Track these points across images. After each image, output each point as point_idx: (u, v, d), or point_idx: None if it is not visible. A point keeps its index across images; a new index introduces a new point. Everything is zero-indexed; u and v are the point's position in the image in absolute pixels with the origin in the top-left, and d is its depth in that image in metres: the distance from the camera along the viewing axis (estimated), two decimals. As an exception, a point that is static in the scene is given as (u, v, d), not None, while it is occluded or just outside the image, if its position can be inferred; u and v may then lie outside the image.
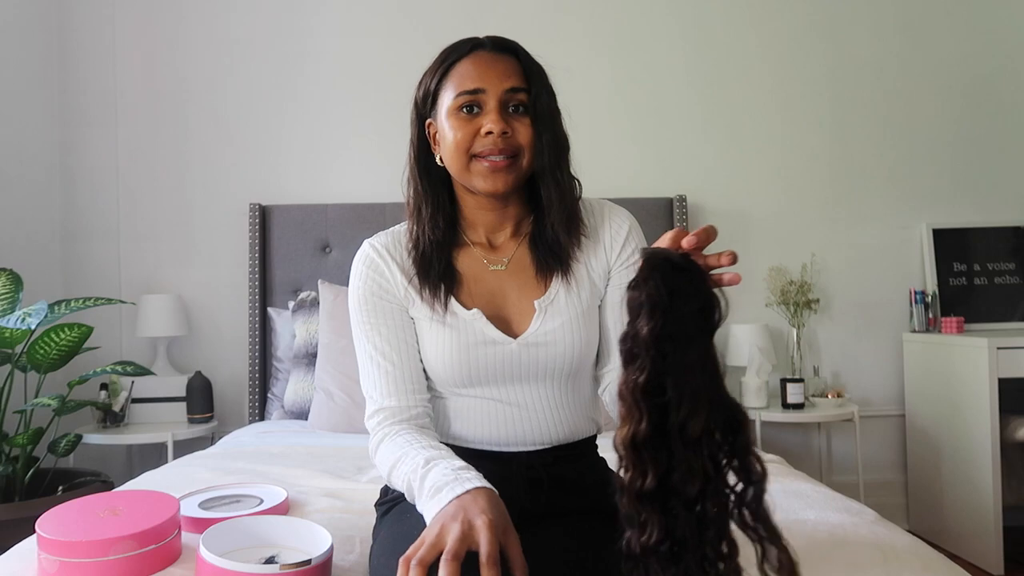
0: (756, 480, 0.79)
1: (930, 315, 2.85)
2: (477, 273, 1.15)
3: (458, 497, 0.86)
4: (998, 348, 2.44)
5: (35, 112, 2.76)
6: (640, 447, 0.78)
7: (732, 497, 0.80)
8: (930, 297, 2.87)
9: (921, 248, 2.96)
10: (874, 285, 2.96)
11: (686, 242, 0.82)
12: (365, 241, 1.19)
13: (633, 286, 0.81)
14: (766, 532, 0.79)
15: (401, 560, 0.81)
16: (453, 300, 1.12)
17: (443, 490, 0.89)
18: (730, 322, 2.87)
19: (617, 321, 1.13)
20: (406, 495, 1.02)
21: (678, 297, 0.79)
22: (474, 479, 0.89)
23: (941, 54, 2.99)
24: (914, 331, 2.86)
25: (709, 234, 0.82)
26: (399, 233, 1.18)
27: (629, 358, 0.80)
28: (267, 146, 2.90)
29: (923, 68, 2.99)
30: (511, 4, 2.83)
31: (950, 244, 2.93)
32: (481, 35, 1.14)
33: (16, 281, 2.29)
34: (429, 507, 0.90)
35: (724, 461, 0.80)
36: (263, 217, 2.80)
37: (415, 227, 1.14)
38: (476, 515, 0.83)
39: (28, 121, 2.72)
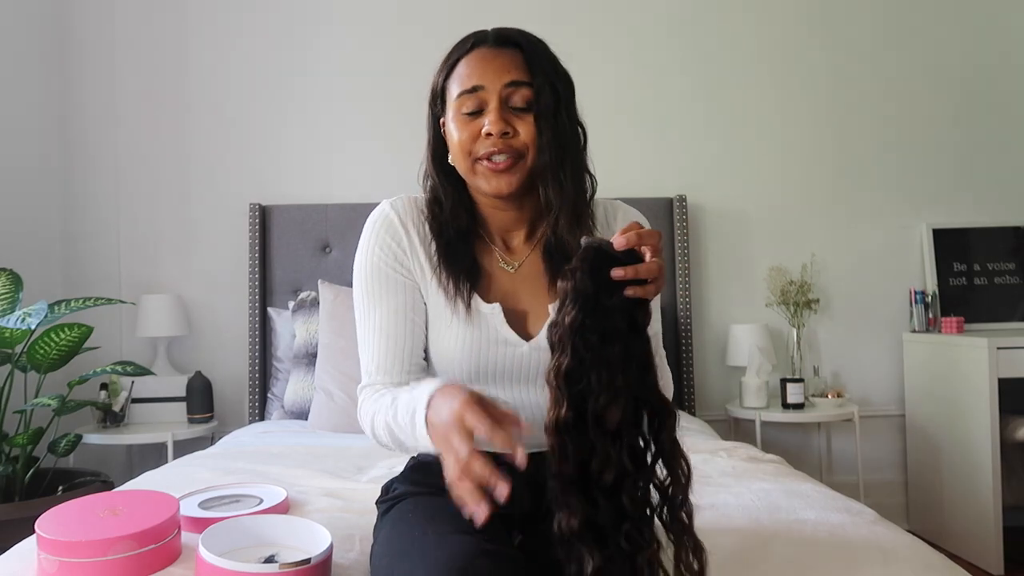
0: (679, 481, 0.83)
1: (930, 315, 2.85)
2: (493, 271, 1.13)
3: (428, 410, 0.89)
4: (998, 348, 2.44)
5: (35, 112, 2.76)
6: (563, 432, 0.82)
7: (656, 494, 0.83)
8: (930, 297, 2.87)
9: (921, 248, 2.96)
10: (874, 285, 2.96)
11: (616, 243, 0.84)
12: (384, 201, 1.14)
13: (563, 275, 0.84)
14: (685, 534, 0.82)
15: (451, 488, 0.81)
16: (475, 295, 1.10)
17: (416, 416, 0.91)
18: (730, 322, 2.88)
19: None
20: (394, 445, 1.02)
21: (606, 290, 0.82)
22: (424, 385, 0.92)
23: (941, 54, 2.99)
24: (914, 331, 2.86)
25: (642, 238, 0.84)
26: (421, 203, 1.14)
27: (554, 345, 0.84)
28: (267, 146, 2.90)
29: (923, 68, 2.99)
30: (511, 4, 2.84)
31: (950, 244, 2.93)
32: (485, 31, 1.10)
33: (16, 281, 2.29)
34: (422, 437, 0.91)
35: (649, 458, 0.83)
36: (263, 217, 2.80)
37: (439, 215, 1.11)
38: (449, 404, 0.84)
39: (28, 121, 2.72)
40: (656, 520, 0.85)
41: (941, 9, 2.99)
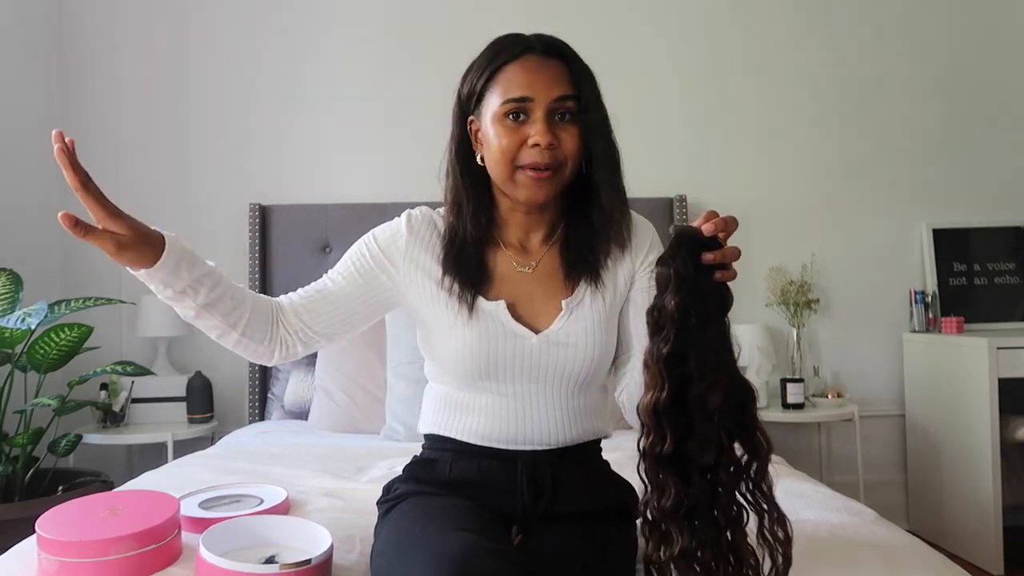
0: (761, 455, 0.86)
1: (930, 315, 2.85)
2: (505, 272, 1.15)
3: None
4: (998, 348, 2.44)
5: (35, 112, 2.76)
6: (661, 414, 0.85)
7: (739, 469, 0.87)
8: (930, 297, 2.87)
9: (921, 248, 2.96)
10: (874, 285, 2.96)
11: (706, 229, 0.88)
12: (406, 212, 1.18)
13: (662, 261, 0.88)
14: (767, 504, 0.84)
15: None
16: (479, 296, 1.12)
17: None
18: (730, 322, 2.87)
19: (640, 322, 1.12)
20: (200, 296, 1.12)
21: (701, 273, 0.87)
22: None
23: (941, 54, 2.99)
24: (914, 331, 2.86)
25: (727, 223, 0.90)
26: (436, 215, 1.18)
27: (655, 329, 0.87)
28: (267, 146, 2.90)
29: (923, 68, 2.99)
30: (508, 7, 2.83)
31: (950, 244, 2.93)
32: (528, 37, 1.11)
33: (16, 281, 2.29)
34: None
35: (732, 434, 0.87)
36: (263, 217, 2.80)
37: (455, 221, 1.13)
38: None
39: (28, 120, 2.72)
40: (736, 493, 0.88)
41: (941, 9, 2.99)
